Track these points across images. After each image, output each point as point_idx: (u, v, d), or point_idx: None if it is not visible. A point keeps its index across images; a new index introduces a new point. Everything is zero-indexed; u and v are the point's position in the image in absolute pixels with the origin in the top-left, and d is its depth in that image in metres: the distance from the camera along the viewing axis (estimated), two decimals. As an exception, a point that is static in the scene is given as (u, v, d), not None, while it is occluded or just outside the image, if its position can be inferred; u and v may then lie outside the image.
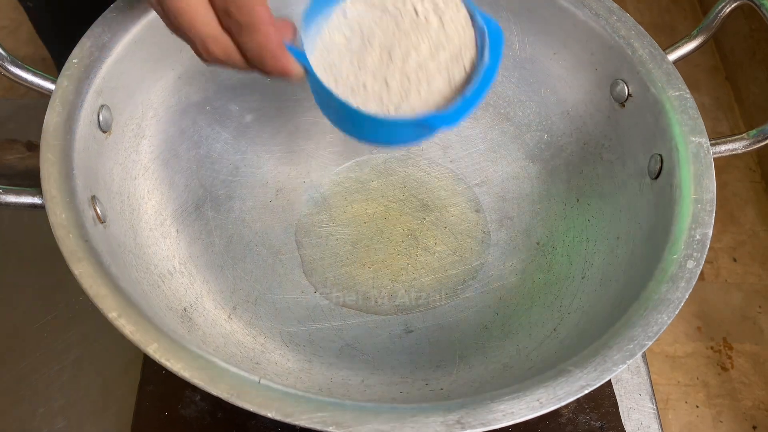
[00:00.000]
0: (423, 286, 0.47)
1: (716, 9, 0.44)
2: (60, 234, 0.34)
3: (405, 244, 0.49)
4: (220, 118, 0.50)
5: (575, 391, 0.32)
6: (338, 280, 0.47)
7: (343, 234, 0.50)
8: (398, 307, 0.46)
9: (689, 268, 0.36)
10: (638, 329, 0.34)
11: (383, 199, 0.52)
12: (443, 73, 0.38)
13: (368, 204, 0.51)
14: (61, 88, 0.39)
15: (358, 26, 0.38)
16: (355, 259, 0.48)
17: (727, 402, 1.06)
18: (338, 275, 0.48)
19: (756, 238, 1.20)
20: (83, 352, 0.49)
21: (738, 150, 0.41)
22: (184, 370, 0.31)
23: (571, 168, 0.49)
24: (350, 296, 0.47)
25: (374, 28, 0.38)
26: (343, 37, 0.38)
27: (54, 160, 0.36)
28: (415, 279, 0.48)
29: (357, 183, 0.52)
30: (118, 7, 0.43)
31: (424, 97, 0.38)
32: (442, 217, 0.51)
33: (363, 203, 0.51)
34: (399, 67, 0.37)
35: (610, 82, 0.46)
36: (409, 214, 0.51)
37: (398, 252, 0.49)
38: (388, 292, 0.47)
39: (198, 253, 0.45)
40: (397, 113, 0.37)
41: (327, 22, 0.37)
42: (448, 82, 0.38)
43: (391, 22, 0.38)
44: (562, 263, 0.46)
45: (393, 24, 0.38)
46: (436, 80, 0.37)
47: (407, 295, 0.47)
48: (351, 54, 0.38)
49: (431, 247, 0.49)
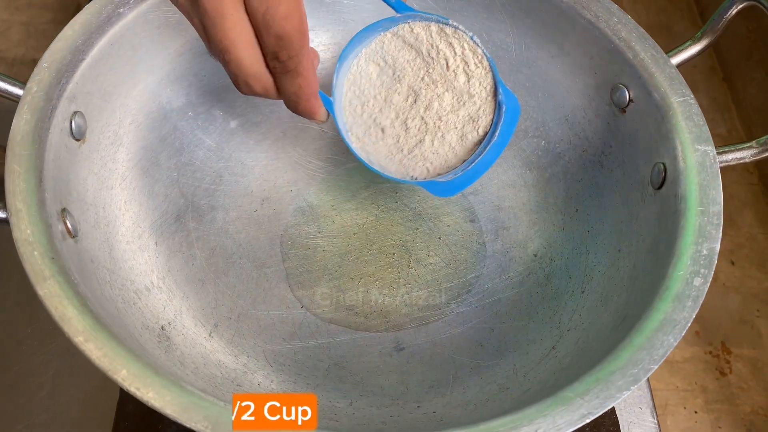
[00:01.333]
0: (415, 301, 0.45)
1: (721, 11, 0.42)
2: (24, 251, 0.32)
3: (396, 255, 0.47)
4: (203, 123, 0.48)
5: (576, 420, 0.30)
6: (326, 294, 0.45)
7: (331, 245, 0.47)
8: (389, 323, 0.44)
9: (696, 286, 0.34)
10: (643, 352, 0.32)
11: (374, 209, 0.49)
12: (458, 129, 0.41)
13: (358, 214, 0.49)
14: (30, 94, 0.37)
15: (393, 60, 0.41)
16: (344, 272, 0.46)
17: (726, 407, 1.04)
18: (326, 289, 0.45)
19: (754, 242, 1.18)
20: (64, 366, 0.48)
21: (746, 159, 0.39)
22: (155, 400, 0.28)
23: (569, 176, 0.47)
24: (338, 312, 0.44)
25: (406, 68, 0.41)
26: (377, 66, 0.41)
27: (20, 171, 0.34)
28: (406, 293, 0.46)
29: (346, 192, 0.50)
30: (93, 8, 0.41)
31: (436, 146, 0.41)
32: (435, 227, 0.49)
33: (352, 213, 0.49)
34: (421, 111, 0.41)
35: (610, 87, 0.44)
36: (400, 224, 0.49)
37: (389, 264, 0.47)
38: (379, 307, 0.45)
39: (178, 267, 0.43)
40: (408, 158, 0.41)
41: (365, 48, 0.41)
42: (460, 139, 0.41)
43: (423, 66, 0.41)
44: (560, 277, 0.44)
45: (424, 69, 0.41)
46: (450, 134, 0.41)
47: (398, 311, 0.45)
48: (380, 86, 0.41)
49: (424, 259, 0.47)
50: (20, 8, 1.36)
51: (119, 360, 0.29)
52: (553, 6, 0.45)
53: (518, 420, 0.30)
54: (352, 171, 0.51)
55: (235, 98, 0.49)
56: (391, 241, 0.48)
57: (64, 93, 0.38)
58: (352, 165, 0.51)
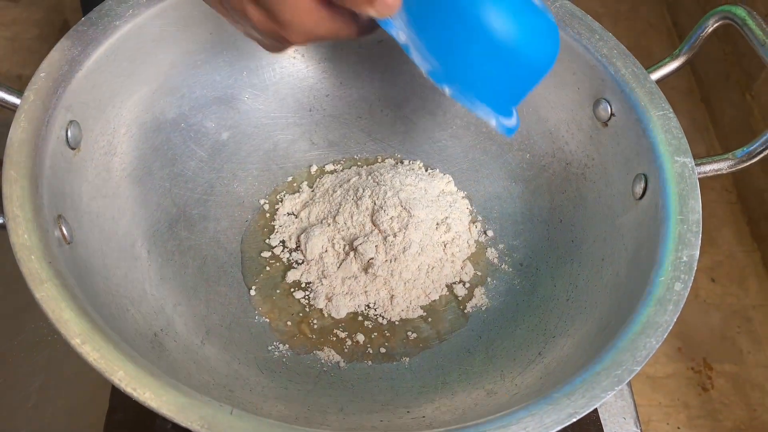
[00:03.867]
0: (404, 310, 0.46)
1: (698, 29, 0.44)
2: (22, 255, 0.32)
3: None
4: (196, 135, 0.49)
5: (563, 419, 0.31)
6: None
7: (321, 255, 0.48)
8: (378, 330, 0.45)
9: (677, 291, 0.35)
10: (626, 354, 0.33)
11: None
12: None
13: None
14: (27, 103, 0.37)
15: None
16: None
17: (708, 423, 1.06)
18: (316, 298, 0.46)
19: (733, 259, 1.20)
20: (49, 378, 0.47)
21: (723, 170, 0.40)
22: (152, 400, 0.29)
23: (553, 188, 0.49)
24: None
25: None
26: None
27: (17, 177, 0.35)
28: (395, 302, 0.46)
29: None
30: (89, 19, 0.42)
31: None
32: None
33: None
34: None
35: (592, 102, 0.46)
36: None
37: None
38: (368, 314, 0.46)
39: (170, 276, 0.44)
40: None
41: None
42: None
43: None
44: (546, 285, 0.45)
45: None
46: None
47: (386, 319, 0.45)
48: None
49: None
50: (5, 24, 1.37)
51: (116, 362, 0.30)
52: (538, 24, 0.47)
53: (507, 420, 0.31)
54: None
55: (227, 110, 0.50)
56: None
57: (60, 102, 0.39)
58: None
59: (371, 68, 0.52)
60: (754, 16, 0.40)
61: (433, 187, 0.49)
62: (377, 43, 0.51)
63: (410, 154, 0.53)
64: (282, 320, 0.44)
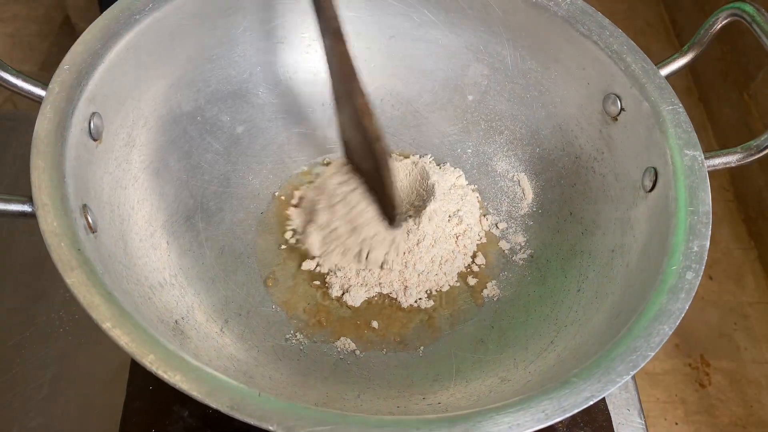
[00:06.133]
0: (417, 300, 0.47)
1: (706, 25, 0.45)
2: (52, 242, 0.33)
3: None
4: (211, 128, 0.50)
5: (580, 402, 0.31)
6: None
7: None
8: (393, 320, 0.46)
9: (689, 279, 0.36)
10: (641, 340, 0.34)
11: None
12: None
13: (361, 216, 0.51)
14: (52, 95, 0.38)
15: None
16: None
17: (705, 419, 1.07)
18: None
19: (730, 257, 1.21)
20: (61, 370, 0.48)
21: (732, 163, 0.41)
22: (183, 383, 0.30)
23: (563, 181, 0.50)
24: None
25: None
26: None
27: (45, 167, 0.35)
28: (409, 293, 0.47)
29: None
30: (111, 14, 0.43)
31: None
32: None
33: (355, 216, 0.51)
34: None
35: (602, 97, 0.47)
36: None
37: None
38: (383, 304, 0.46)
39: (189, 265, 0.44)
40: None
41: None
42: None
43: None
44: (556, 276, 0.46)
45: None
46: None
47: (400, 309, 0.46)
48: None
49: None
50: (5, 20, 1.36)
51: (146, 345, 0.31)
52: (548, 20, 0.48)
53: (527, 403, 0.31)
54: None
55: (242, 104, 0.51)
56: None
57: (84, 94, 0.39)
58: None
59: (383, 63, 0.53)
60: (762, 12, 0.41)
61: (444, 181, 0.50)
62: (389, 38, 0.52)
63: (421, 148, 0.53)
64: (299, 309, 0.45)
